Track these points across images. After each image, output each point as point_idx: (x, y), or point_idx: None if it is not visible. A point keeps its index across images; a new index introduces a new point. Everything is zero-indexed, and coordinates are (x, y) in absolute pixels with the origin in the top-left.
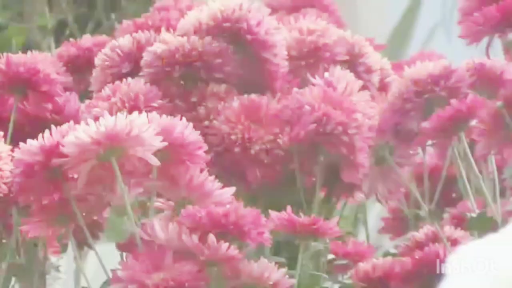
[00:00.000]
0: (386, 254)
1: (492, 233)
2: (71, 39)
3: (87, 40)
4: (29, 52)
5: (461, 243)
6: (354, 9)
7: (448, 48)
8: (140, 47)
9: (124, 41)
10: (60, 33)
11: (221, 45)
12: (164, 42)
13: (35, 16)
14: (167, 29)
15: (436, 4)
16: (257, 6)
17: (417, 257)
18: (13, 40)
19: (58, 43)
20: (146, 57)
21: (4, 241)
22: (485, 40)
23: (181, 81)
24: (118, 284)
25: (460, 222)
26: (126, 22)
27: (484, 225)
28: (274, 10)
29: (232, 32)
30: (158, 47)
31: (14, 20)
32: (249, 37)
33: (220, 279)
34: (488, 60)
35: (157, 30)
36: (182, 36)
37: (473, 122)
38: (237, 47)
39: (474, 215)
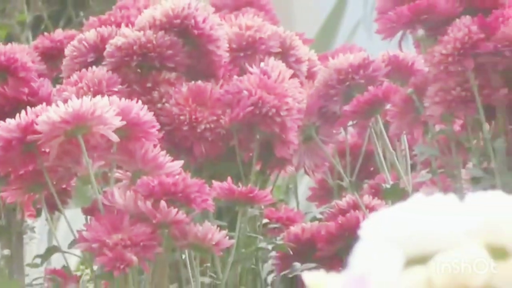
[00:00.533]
0: (314, 219)
1: (403, 201)
2: (45, 33)
3: (59, 33)
4: (9, 44)
5: (377, 210)
6: (289, 8)
7: (368, 43)
8: (103, 40)
9: (90, 35)
10: (36, 27)
11: (172, 38)
12: (124, 36)
13: (15, 13)
14: (127, 25)
15: (359, 4)
16: (203, 5)
17: (340, 222)
18: None
19: (34, 36)
20: (108, 48)
21: None
22: (398, 35)
23: (138, 69)
24: (83, 243)
25: (376, 192)
26: (92, 19)
27: (397, 194)
28: (217, 8)
29: (181, 28)
30: (118, 40)
31: None
32: (196, 32)
33: (170, 240)
34: (401, 52)
35: (118, 25)
36: (139, 30)
37: (388, 106)
38: (185, 40)
39: (388, 186)
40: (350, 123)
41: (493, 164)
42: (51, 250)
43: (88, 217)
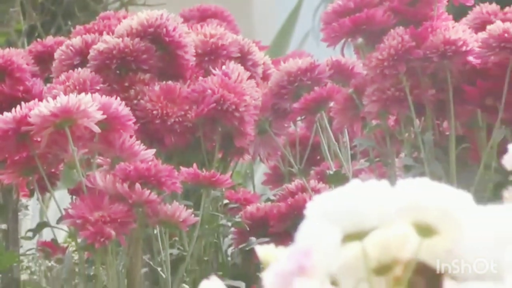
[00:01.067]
0: (267, 200)
1: (344, 185)
2: (38, 40)
3: (49, 40)
4: (7, 49)
5: (321, 192)
6: (249, 19)
7: (316, 50)
8: (87, 46)
9: (76, 41)
10: (30, 35)
11: (146, 45)
12: (105, 42)
13: (13, 22)
14: (108, 33)
15: (308, 17)
16: (173, 16)
17: (289, 202)
18: None
19: (29, 42)
20: (91, 53)
21: None
22: (341, 43)
23: (117, 71)
24: (69, 219)
25: (321, 177)
26: (78, 27)
27: (339, 180)
28: (186, 19)
29: (154, 35)
30: (100, 46)
31: None
32: (167, 39)
33: (143, 217)
34: (343, 58)
35: (101, 33)
36: (118, 37)
37: (331, 104)
38: (158, 46)
39: (332, 172)
40: (299, 118)
41: (422, 154)
42: (42, 225)
43: (74, 197)
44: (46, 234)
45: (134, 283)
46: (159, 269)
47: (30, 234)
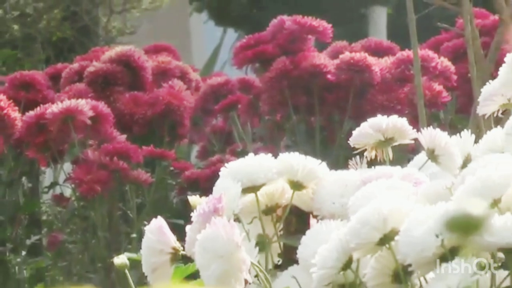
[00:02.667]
0: (198, 168)
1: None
2: (52, 65)
3: (59, 65)
4: (32, 71)
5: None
6: (188, 51)
7: (231, 71)
8: (83, 68)
9: (75, 66)
10: (47, 62)
11: (120, 68)
12: (94, 66)
13: (36, 54)
14: (96, 60)
15: (227, 50)
16: (138, 50)
17: (212, 169)
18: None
19: (46, 67)
20: (85, 73)
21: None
22: (246, 67)
23: (102, 85)
24: (71, 180)
25: (233, 153)
26: (78, 57)
27: (244, 154)
28: (146, 52)
29: (126, 62)
30: (91, 68)
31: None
32: (134, 64)
33: (119, 178)
34: (247, 76)
35: (91, 60)
36: (102, 63)
37: (239, 106)
38: (128, 69)
39: (239, 150)
40: (218, 115)
41: (297, 139)
42: (53, 184)
43: (74, 166)
44: (58, 190)
45: (113, 221)
46: (129, 212)
47: (46, 190)
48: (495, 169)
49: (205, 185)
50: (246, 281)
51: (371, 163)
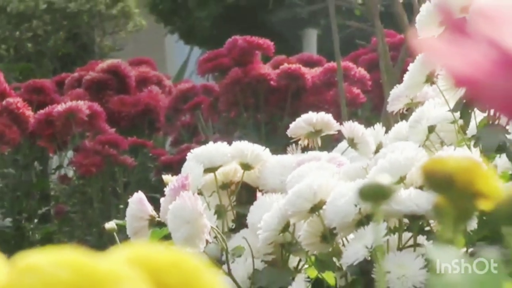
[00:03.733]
0: (172, 154)
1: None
2: (58, 75)
3: (63, 74)
4: (42, 79)
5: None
6: (164, 62)
7: (197, 79)
8: (81, 77)
9: (75, 75)
10: (54, 72)
11: (111, 76)
12: (90, 75)
13: (45, 66)
14: (92, 70)
15: (193, 61)
16: (125, 62)
17: (181, 154)
18: (37, 75)
19: (54, 76)
20: (83, 80)
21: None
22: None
23: (96, 90)
24: (73, 164)
25: (198, 142)
26: (78, 68)
27: (206, 143)
28: (130, 64)
29: (115, 72)
30: (88, 77)
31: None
32: (121, 73)
33: (110, 162)
34: (208, 83)
35: (88, 71)
36: (97, 73)
37: (203, 105)
38: (116, 77)
39: (203, 139)
40: (187, 113)
41: (247, 131)
42: (59, 166)
43: (75, 152)
44: (63, 171)
45: (105, 195)
46: (117, 188)
47: (53, 171)
48: (401, 153)
49: (176, 167)
50: (207, 241)
51: (304, 149)
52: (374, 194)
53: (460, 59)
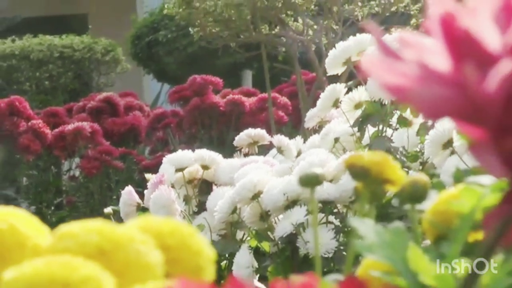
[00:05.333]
0: (149, 160)
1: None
2: (67, 104)
3: (71, 104)
4: (56, 107)
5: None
6: (142, 94)
7: (168, 106)
8: (85, 105)
9: (80, 104)
10: (65, 102)
11: (106, 105)
12: (91, 104)
13: (59, 98)
14: (92, 100)
15: (164, 93)
16: (116, 95)
17: (158, 159)
18: (52, 104)
19: (64, 105)
20: (87, 108)
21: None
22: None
23: (96, 114)
24: (79, 167)
25: (168, 151)
26: (82, 99)
27: (176, 151)
28: (120, 95)
29: (109, 101)
30: (89, 105)
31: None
32: (113, 102)
33: (106, 166)
34: (177, 109)
35: (89, 100)
36: (95, 102)
37: (172, 124)
38: (110, 105)
39: (172, 148)
40: (160, 131)
41: (204, 143)
42: (69, 169)
43: (81, 159)
44: (71, 173)
45: (102, 189)
46: (112, 184)
47: (65, 172)
48: (316, 157)
49: (153, 169)
50: None
51: (246, 155)
52: (309, 180)
53: (392, 74)
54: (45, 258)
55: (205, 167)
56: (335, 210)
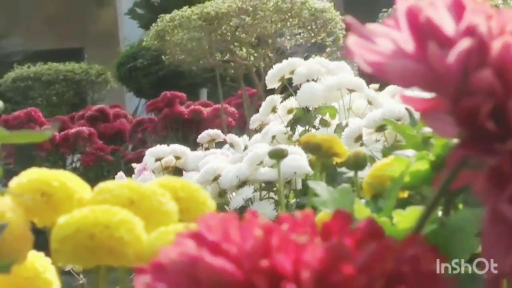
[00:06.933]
0: (132, 154)
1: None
2: (70, 113)
3: (73, 113)
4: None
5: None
6: (125, 107)
7: (145, 115)
8: (84, 114)
9: (80, 113)
10: (68, 114)
11: (99, 113)
12: (88, 113)
13: (65, 113)
14: (89, 111)
15: (141, 105)
16: (107, 106)
17: (139, 155)
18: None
19: (68, 114)
20: (85, 116)
21: None
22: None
23: (92, 121)
24: (80, 161)
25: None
26: (81, 110)
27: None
28: (110, 107)
29: (102, 111)
30: (87, 114)
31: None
32: (105, 112)
33: (100, 160)
34: (152, 117)
35: (87, 111)
36: (91, 111)
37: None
38: (103, 115)
39: (152, 148)
40: (140, 133)
41: (174, 141)
42: (72, 162)
43: (81, 154)
44: (74, 165)
45: (98, 177)
46: (104, 173)
47: (69, 165)
48: (260, 149)
49: (135, 161)
50: None
51: (207, 149)
52: (277, 154)
53: (370, 53)
54: (89, 207)
55: (177, 158)
56: (275, 189)
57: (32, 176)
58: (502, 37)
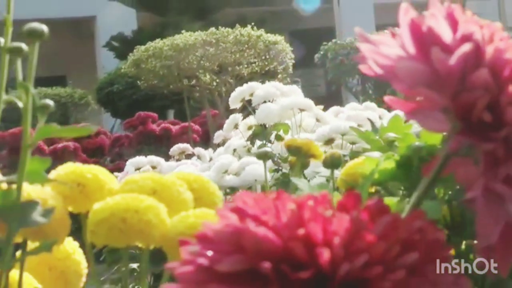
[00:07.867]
0: (110, 164)
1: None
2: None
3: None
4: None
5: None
6: (103, 127)
7: (122, 132)
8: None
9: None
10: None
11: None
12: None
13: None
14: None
15: (117, 124)
16: (89, 127)
17: (118, 166)
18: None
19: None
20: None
21: None
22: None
23: (77, 138)
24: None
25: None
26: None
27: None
28: (95, 129)
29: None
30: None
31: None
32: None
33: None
34: (128, 134)
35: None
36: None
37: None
38: (87, 137)
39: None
40: (119, 147)
41: (150, 153)
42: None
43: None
44: None
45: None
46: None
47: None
48: (225, 160)
49: (116, 172)
50: None
51: (178, 160)
52: (263, 155)
53: (380, 57)
54: (120, 195)
55: (153, 167)
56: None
57: (69, 169)
58: (493, 44)
